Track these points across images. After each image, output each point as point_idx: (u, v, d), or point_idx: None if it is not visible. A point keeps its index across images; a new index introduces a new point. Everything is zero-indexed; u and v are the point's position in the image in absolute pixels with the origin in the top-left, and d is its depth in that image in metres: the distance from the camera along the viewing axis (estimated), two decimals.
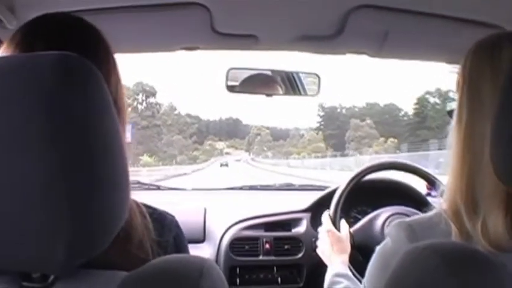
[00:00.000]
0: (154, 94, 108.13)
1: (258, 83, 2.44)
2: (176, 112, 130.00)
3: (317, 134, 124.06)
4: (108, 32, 1.13)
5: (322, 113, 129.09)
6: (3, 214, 0.71)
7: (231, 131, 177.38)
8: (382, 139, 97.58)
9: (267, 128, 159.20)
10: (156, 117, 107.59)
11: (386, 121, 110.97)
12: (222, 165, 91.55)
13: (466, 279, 0.81)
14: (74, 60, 0.76)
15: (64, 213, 0.70)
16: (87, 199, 0.73)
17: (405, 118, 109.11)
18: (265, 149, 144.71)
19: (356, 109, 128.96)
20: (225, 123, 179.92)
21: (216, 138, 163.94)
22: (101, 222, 0.76)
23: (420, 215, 1.23)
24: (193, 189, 3.67)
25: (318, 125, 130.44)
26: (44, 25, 1.08)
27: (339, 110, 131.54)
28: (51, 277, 0.79)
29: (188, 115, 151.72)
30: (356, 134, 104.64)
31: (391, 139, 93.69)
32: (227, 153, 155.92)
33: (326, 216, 2.27)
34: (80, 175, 0.72)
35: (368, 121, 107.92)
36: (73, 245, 0.72)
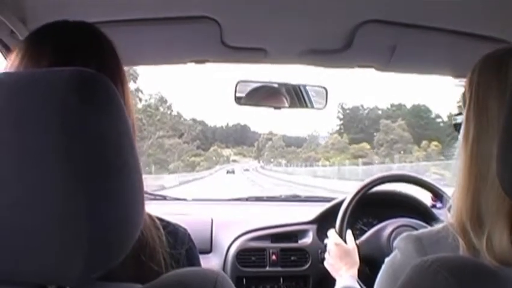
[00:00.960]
0: None
1: (265, 96, 2.46)
2: (174, 113, 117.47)
3: (341, 137, 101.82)
4: (118, 44, 1.14)
5: (342, 115, 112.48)
6: (20, 227, 0.72)
7: (239, 137, 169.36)
8: (425, 142, 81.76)
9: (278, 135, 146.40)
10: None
11: (417, 123, 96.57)
12: (228, 172, 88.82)
13: None
14: (90, 76, 0.76)
15: (81, 225, 0.71)
16: (104, 212, 0.74)
17: (438, 120, 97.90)
18: (275, 159, 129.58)
19: (379, 111, 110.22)
20: (232, 130, 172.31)
21: (223, 145, 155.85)
22: (117, 234, 0.77)
23: (428, 229, 1.23)
24: (199, 200, 3.68)
25: (337, 128, 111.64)
26: (51, 33, 1.08)
27: (361, 112, 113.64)
28: None
29: (194, 120, 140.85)
30: (388, 138, 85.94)
31: (434, 143, 78.45)
32: (234, 161, 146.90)
33: (332, 232, 2.28)
34: (97, 188, 0.73)
35: (401, 122, 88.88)
36: (90, 257, 0.73)
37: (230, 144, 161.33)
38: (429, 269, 0.88)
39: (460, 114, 1.25)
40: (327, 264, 2.19)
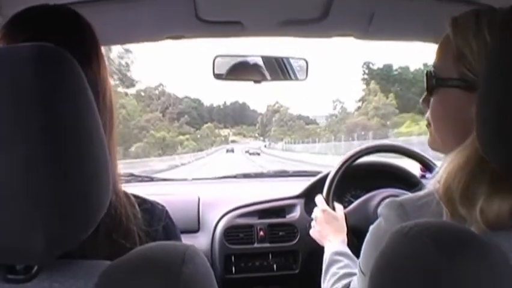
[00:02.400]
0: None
1: (244, 70, 2.43)
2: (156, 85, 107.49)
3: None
4: (93, 24, 1.14)
5: (368, 77, 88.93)
6: None
7: (237, 116, 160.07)
8: None
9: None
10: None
11: None
12: (228, 151, 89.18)
13: (454, 257, 0.81)
14: (49, 50, 0.76)
15: (41, 203, 0.70)
16: (65, 189, 0.73)
17: None
18: (284, 135, 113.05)
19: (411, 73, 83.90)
20: (230, 109, 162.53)
21: (221, 125, 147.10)
22: (80, 211, 0.76)
23: (412, 194, 1.22)
24: (186, 180, 3.67)
25: (363, 94, 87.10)
26: (26, 17, 1.08)
27: (393, 73, 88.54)
28: (35, 268, 0.78)
29: (188, 97, 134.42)
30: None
31: None
32: (233, 142, 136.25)
33: (319, 198, 2.27)
34: (57, 165, 0.72)
35: None
36: (52, 234, 0.73)
37: (228, 124, 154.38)
38: (408, 235, 0.86)
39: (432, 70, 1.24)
40: (313, 232, 2.17)
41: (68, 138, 0.74)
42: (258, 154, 73.82)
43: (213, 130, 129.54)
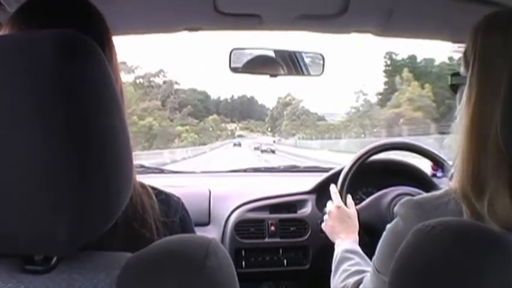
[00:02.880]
0: None
1: (261, 64, 2.43)
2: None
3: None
4: (110, 13, 1.13)
5: (390, 68, 74.45)
6: (4, 195, 0.70)
7: (245, 111, 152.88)
8: None
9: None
10: None
11: None
12: (235, 145, 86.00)
13: (477, 256, 0.81)
14: (74, 37, 0.75)
15: (64, 193, 0.70)
16: (88, 179, 0.72)
17: None
18: (297, 130, 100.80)
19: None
20: (237, 103, 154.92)
21: (227, 119, 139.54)
22: (102, 202, 0.76)
23: (429, 194, 1.22)
24: (197, 173, 3.68)
25: (385, 87, 73.65)
26: (40, 4, 1.07)
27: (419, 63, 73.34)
28: (54, 259, 0.78)
29: (193, 90, 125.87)
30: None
31: None
32: (240, 136, 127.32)
33: (334, 191, 2.26)
34: (82, 155, 0.71)
35: None
36: (74, 225, 0.72)
37: (236, 118, 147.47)
38: (431, 233, 0.86)
39: (456, 74, 1.23)
40: (326, 226, 2.16)
41: (91, 127, 0.73)
42: (273, 152, 57.50)
43: (218, 123, 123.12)
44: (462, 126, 1.10)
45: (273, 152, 57.53)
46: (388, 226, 1.26)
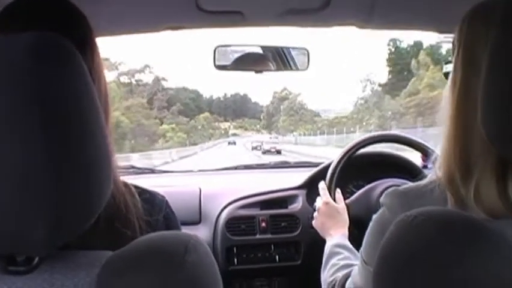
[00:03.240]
0: None
1: (247, 60, 2.42)
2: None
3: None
4: (92, 15, 1.14)
5: (395, 56, 72.39)
6: None
7: (238, 109, 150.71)
8: None
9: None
10: None
11: None
12: (229, 143, 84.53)
13: (460, 244, 0.80)
14: (52, 41, 0.76)
15: (43, 193, 0.70)
16: (66, 179, 0.73)
17: None
18: (295, 126, 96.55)
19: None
20: (230, 101, 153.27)
21: (221, 118, 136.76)
22: (81, 202, 0.76)
23: (414, 183, 1.22)
24: (187, 171, 3.67)
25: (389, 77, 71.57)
26: (21, 7, 1.07)
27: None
28: (36, 259, 0.78)
29: (184, 88, 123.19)
30: None
31: None
32: (234, 135, 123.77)
33: (322, 187, 2.26)
34: (59, 156, 0.72)
35: None
36: (54, 225, 0.73)
37: (229, 117, 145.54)
38: (413, 223, 0.86)
39: (449, 62, 1.23)
40: (316, 223, 2.17)
41: (68, 128, 0.73)
42: (279, 152, 45.09)
43: (211, 122, 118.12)
44: (448, 110, 1.11)
45: (278, 152, 45.33)
46: (374, 216, 1.27)
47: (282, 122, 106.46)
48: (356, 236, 1.92)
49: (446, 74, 1.25)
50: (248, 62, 2.44)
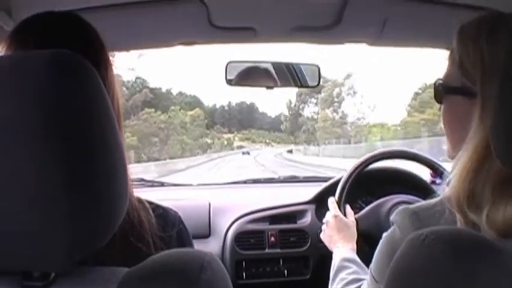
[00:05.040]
0: None
1: (257, 76, 2.43)
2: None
3: None
4: (105, 30, 1.15)
5: None
6: (1, 212, 0.71)
7: (245, 119, 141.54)
8: None
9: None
10: None
11: None
12: (243, 153, 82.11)
13: (471, 264, 0.80)
14: (67, 57, 0.76)
15: (61, 209, 0.70)
16: (84, 195, 0.73)
17: None
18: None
19: None
20: (236, 110, 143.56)
21: (225, 129, 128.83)
22: (99, 217, 0.77)
23: (425, 202, 1.22)
24: (196, 185, 3.67)
25: None
26: (36, 24, 1.09)
27: None
28: (52, 275, 0.78)
29: (180, 93, 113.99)
30: None
31: None
32: (240, 147, 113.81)
33: (332, 201, 2.26)
34: (76, 170, 0.72)
35: None
36: (72, 241, 0.73)
37: (234, 128, 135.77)
38: (424, 242, 0.86)
39: (440, 80, 1.24)
40: (324, 236, 2.16)
41: (86, 146, 0.74)
42: None
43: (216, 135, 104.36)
44: (472, 139, 1.09)
45: None
46: (385, 234, 1.26)
47: (322, 121, 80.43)
48: (365, 251, 1.92)
49: (438, 94, 1.26)
50: (255, 77, 2.45)
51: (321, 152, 62.85)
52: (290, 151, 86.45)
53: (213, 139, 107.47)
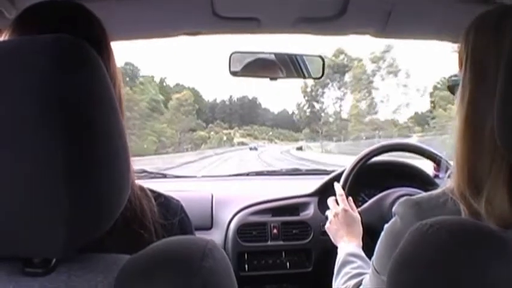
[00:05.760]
0: None
1: (261, 67, 2.43)
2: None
3: None
4: (108, 19, 1.15)
5: None
6: (2, 199, 0.71)
7: (246, 115, 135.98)
8: None
9: None
10: None
11: None
12: (251, 149, 77.41)
13: (475, 254, 0.80)
14: (69, 42, 0.76)
15: (61, 196, 0.70)
16: (85, 182, 0.73)
17: None
18: None
19: None
20: (237, 105, 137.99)
21: (225, 124, 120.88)
22: (100, 204, 0.77)
23: (427, 193, 1.22)
24: (199, 177, 3.67)
25: None
26: (39, 12, 1.09)
27: None
28: (53, 261, 0.79)
29: (178, 84, 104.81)
30: None
31: None
32: (242, 144, 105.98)
33: (340, 193, 2.23)
34: (78, 157, 0.72)
35: None
36: (72, 227, 0.73)
37: (235, 123, 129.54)
38: (428, 232, 0.86)
39: (455, 75, 1.23)
40: (330, 227, 2.15)
41: (88, 132, 0.74)
42: None
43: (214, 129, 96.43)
44: (456, 126, 1.10)
45: None
46: (386, 226, 1.27)
47: (352, 108, 67.74)
48: (368, 244, 1.92)
49: (451, 88, 1.25)
50: (259, 68, 2.44)
51: (347, 149, 48.36)
52: (300, 148, 76.58)
53: (208, 132, 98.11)
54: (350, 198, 2.25)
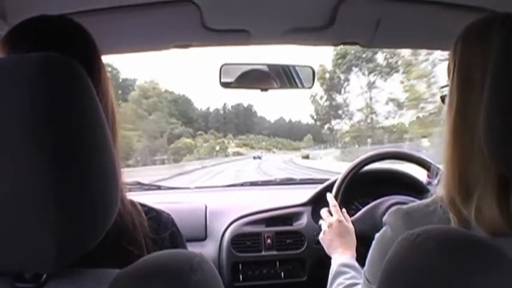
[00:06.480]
0: None
1: (255, 78, 2.43)
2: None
3: None
4: (99, 33, 1.15)
5: None
6: None
7: (241, 123, 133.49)
8: None
9: None
10: None
11: None
12: (254, 158, 77.84)
13: (462, 263, 0.81)
14: (56, 60, 0.76)
15: (50, 210, 0.71)
16: (74, 197, 0.73)
17: None
18: None
19: None
20: (232, 114, 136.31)
21: (219, 134, 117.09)
22: (90, 219, 0.77)
23: (417, 202, 1.23)
24: (193, 188, 3.67)
25: None
26: (29, 27, 1.09)
27: None
28: (44, 276, 0.79)
29: (167, 91, 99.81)
30: None
31: None
32: (237, 154, 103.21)
33: (334, 203, 2.23)
34: (67, 173, 0.72)
35: None
36: (63, 242, 0.73)
37: (229, 133, 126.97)
38: (416, 241, 0.87)
39: (446, 86, 1.24)
40: (324, 238, 2.14)
41: (77, 148, 0.74)
42: None
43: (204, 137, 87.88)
44: (445, 133, 1.12)
45: None
46: (377, 235, 1.27)
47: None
48: (362, 253, 1.92)
49: (443, 98, 1.26)
50: (251, 79, 2.45)
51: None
52: (306, 157, 72.11)
53: (194, 140, 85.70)
54: (344, 209, 2.25)
